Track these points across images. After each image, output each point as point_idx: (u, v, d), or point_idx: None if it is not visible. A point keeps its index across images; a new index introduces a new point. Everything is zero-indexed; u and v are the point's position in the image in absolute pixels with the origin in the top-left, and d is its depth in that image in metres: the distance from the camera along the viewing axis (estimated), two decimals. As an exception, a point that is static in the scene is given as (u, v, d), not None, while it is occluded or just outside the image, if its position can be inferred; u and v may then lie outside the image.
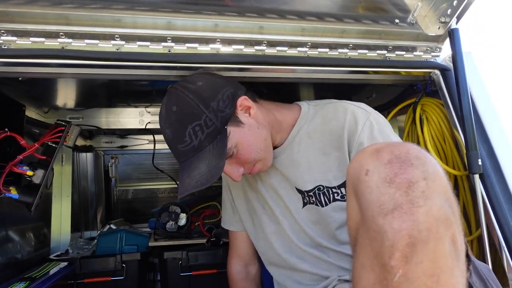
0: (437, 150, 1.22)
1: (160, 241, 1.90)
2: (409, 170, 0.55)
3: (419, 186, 0.54)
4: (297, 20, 1.15)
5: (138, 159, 2.87)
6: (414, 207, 0.53)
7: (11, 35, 1.02)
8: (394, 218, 0.53)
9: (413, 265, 0.52)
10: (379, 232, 0.54)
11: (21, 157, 1.25)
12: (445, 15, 1.13)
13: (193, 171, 0.90)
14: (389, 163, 0.57)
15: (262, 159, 1.00)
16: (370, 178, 0.58)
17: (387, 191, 0.55)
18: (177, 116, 0.93)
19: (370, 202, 0.57)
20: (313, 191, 1.02)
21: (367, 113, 1.01)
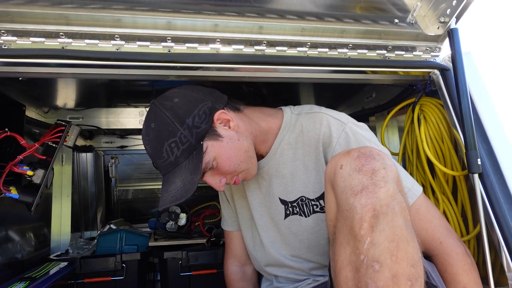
0: (435, 150, 1.23)
1: (160, 241, 1.90)
2: (373, 162, 0.72)
3: (380, 173, 0.71)
4: (297, 20, 1.15)
5: (138, 159, 2.87)
6: (377, 188, 0.69)
7: (11, 35, 1.02)
8: (362, 196, 0.69)
9: (377, 233, 0.66)
10: (351, 209, 0.69)
11: (21, 157, 1.25)
12: (445, 15, 1.13)
13: (170, 185, 0.93)
14: (358, 158, 0.74)
15: (244, 170, 1.02)
16: (343, 169, 0.74)
17: (357, 176, 0.71)
18: (155, 133, 0.96)
19: (343, 187, 0.73)
20: (297, 201, 1.06)
21: (343, 124, 1.02)
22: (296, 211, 1.07)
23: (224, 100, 1.03)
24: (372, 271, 0.64)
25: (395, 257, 0.64)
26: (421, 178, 1.29)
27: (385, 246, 0.65)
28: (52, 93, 1.70)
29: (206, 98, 0.99)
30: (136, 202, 2.89)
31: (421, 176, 1.29)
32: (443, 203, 1.20)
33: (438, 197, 1.21)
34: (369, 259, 0.65)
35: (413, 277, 0.64)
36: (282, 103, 2.09)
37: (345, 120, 1.04)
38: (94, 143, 2.38)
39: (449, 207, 1.20)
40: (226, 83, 1.69)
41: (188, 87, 1.04)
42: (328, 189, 0.80)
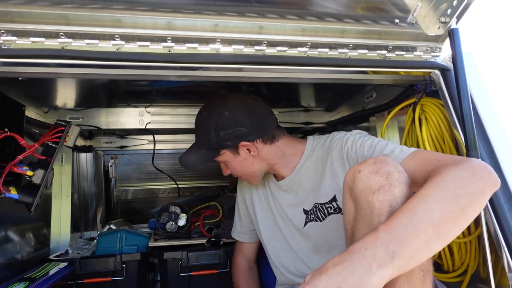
0: (436, 150, 1.22)
1: (160, 241, 1.90)
2: (387, 166, 0.81)
3: (394, 175, 0.79)
4: (297, 20, 1.15)
5: (138, 159, 2.87)
6: (392, 187, 0.77)
7: (11, 35, 1.02)
8: (379, 194, 0.77)
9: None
10: (369, 206, 0.78)
11: (21, 157, 1.25)
12: (445, 15, 1.13)
13: (189, 152, 1.27)
14: (374, 163, 0.83)
15: (245, 179, 1.31)
16: (362, 173, 0.83)
17: (374, 178, 0.80)
18: (200, 119, 1.26)
19: (362, 188, 0.81)
20: (312, 209, 1.24)
21: (350, 132, 1.20)
22: (313, 218, 1.24)
23: (265, 131, 1.23)
24: None
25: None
26: (421, 178, 1.29)
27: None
28: (52, 93, 1.69)
29: (247, 125, 1.19)
30: (136, 202, 2.89)
31: (422, 176, 1.29)
32: (444, 203, 1.20)
33: (439, 198, 1.21)
34: None
35: (425, 269, 0.71)
36: (282, 103, 2.11)
37: (354, 131, 1.21)
38: (94, 143, 2.38)
39: (450, 208, 1.20)
40: (226, 83, 1.70)
41: (245, 104, 1.22)
42: (347, 194, 0.88)
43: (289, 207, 1.30)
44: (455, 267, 1.21)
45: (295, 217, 1.28)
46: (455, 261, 1.20)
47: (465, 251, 1.17)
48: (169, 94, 1.87)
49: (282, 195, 1.32)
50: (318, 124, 2.21)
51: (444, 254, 1.22)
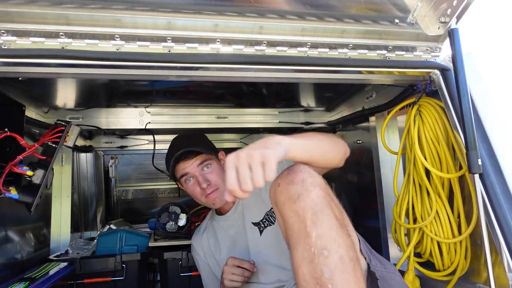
0: (430, 151, 1.22)
1: (160, 241, 1.90)
2: (300, 173, 0.89)
3: (307, 181, 0.87)
4: (297, 20, 1.15)
5: (138, 159, 2.87)
6: (309, 192, 0.85)
7: (11, 35, 1.02)
8: (300, 201, 0.84)
9: (319, 226, 0.81)
10: (295, 215, 0.84)
11: (21, 157, 1.25)
12: (445, 15, 1.12)
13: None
14: (288, 174, 0.90)
15: (222, 189, 1.41)
16: (281, 186, 0.89)
17: (292, 188, 0.87)
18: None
19: (284, 200, 0.88)
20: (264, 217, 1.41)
21: None
22: (267, 224, 1.40)
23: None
24: (323, 258, 0.78)
25: (337, 242, 0.80)
26: (418, 178, 1.29)
27: (328, 235, 0.81)
28: (52, 93, 1.69)
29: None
30: (136, 202, 2.89)
31: (418, 176, 1.29)
32: (436, 203, 1.21)
33: (432, 198, 1.22)
34: (318, 248, 0.79)
35: (354, 258, 0.81)
36: (282, 103, 2.11)
37: None
38: (94, 143, 2.38)
39: (442, 208, 1.21)
40: (226, 83, 1.70)
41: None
42: (275, 209, 0.95)
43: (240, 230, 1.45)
44: (445, 267, 1.22)
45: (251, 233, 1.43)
46: (444, 261, 1.21)
47: (454, 252, 1.18)
48: (169, 94, 1.87)
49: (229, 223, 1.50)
50: (318, 124, 2.21)
51: (434, 253, 1.23)
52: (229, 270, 1.30)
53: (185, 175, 1.44)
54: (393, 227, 1.40)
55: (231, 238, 1.49)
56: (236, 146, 2.57)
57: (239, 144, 2.57)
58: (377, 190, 1.69)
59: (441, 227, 1.20)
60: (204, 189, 1.41)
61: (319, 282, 0.77)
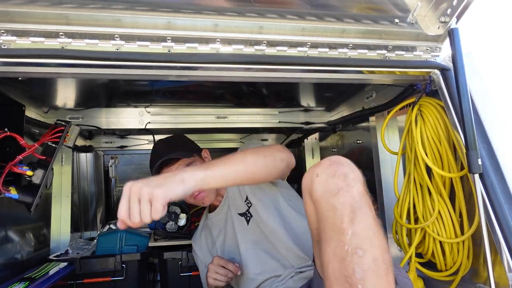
0: (432, 151, 1.22)
1: (160, 241, 1.90)
2: (343, 167, 0.86)
3: (350, 176, 0.85)
4: (297, 20, 1.14)
5: (138, 159, 2.87)
6: (350, 188, 0.83)
7: (11, 35, 1.02)
8: (339, 196, 0.82)
9: (356, 224, 0.79)
10: (331, 209, 0.82)
11: (21, 157, 1.25)
12: (445, 14, 1.12)
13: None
14: (330, 165, 0.87)
15: (206, 194, 1.41)
16: (320, 177, 0.87)
17: (332, 181, 0.84)
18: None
19: (322, 192, 0.85)
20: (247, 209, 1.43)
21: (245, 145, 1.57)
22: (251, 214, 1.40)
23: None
24: (357, 257, 0.76)
25: (373, 243, 0.78)
26: (419, 178, 1.29)
27: (365, 235, 0.78)
28: (52, 93, 1.69)
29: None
30: (136, 202, 2.89)
31: (419, 176, 1.29)
32: (438, 203, 1.20)
33: (434, 198, 1.22)
34: (352, 247, 0.77)
35: (387, 261, 0.78)
36: (282, 103, 2.11)
37: None
38: (94, 143, 2.38)
39: (444, 208, 1.20)
40: (226, 83, 1.70)
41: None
42: (307, 197, 0.92)
43: (233, 219, 1.46)
44: (448, 267, 1.22)
45: (238, 224, 1.45)
46: (447, 261, 1.21)
47: (457, 251, 1.18)
48: (169, 94, 1.87)
49: (219, 217, 1.52)
50: (318, 124, 2.21)
51: (437, 253, 1.22)
52: (213, 269, 1.32)
53: None
54: (393, 227, 1.40)
55: (223, 232, 1.52)
56: (236, 146, 2.57)
57: (239, 144, 2.57)
58: (377, 190, 1.69)
59: (443, 227, 1.20)
60: None
61: (349, 281, 0.76)
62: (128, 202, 0.87)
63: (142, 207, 0.87)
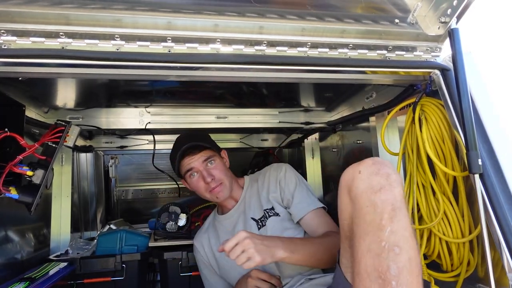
0: (436, 150, 1.22)
1: (160, 241, 1.90)
2: (386, 168, 0.90)
3: (393, 176, 0.88)
4: (297, 20, 1.14)
5: (138, 159, 2.87)
6: (392, 187, 0.86)
7: (11, 35, 1.02)
8: (381, 193, 0.84)
9: (396, 223, 0.81)
10: (371, 205, 0.84)
11: (21, 157, 1.25)
12: (445, 15, 1.12)
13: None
14: (373, 164, 0.91)
15: (225, 183, 1.52)
16: (362, 174, 0.90)
17: (375, 178, 0.87)
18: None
19: (363, 188, 0.88)
20: (263, 216, 1.52)
21: (283, 164, 1.63)
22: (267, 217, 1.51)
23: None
24: (393, 254, 0.78)
25: (409, 243, 0.80)
26: (421, 179, 1.29)
27: (402, 234, 0.80)
28: (52, 93, 1.69)
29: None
30: (136, 202, 2.89)
31: (421, 177, 1.28)
32: (444, 203, 1.20)
33: (439, 198, 1.21)
34: (390, 244, 0.79)
35: (420, 264, 0.81)
36: (282, 103, 2.11)
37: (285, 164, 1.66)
38: (94, 143, 2.38)
39: (450, 208, 1.20)
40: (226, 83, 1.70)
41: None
42: (344, 193, 0.95)
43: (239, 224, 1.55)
44: (454, 267, 1.21)
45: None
46: (453, 261, 1.20)
47: (464, 251, 1.17)
48: (169, 94, 1.87)
49: (230, 221, 1.58)
50: (318, 124, 2.21)
51: (443, 253, 1.22)
52: (254, 283, 1.34)
53: (190, 170, 1.50)
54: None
55: (231, 235, 1.51)
56: (236, 146, 2.57)
57: (239, 144, 2.57)
58: (377, 190, 1.69)
59: (449, 226, 1.19)
60: (209, 183, 1.48)
61: (383, 277, 0.77)
62: (235, 244, 1.12)
63: (240, 257, 1.10)
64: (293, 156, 2.86)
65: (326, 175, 2.40)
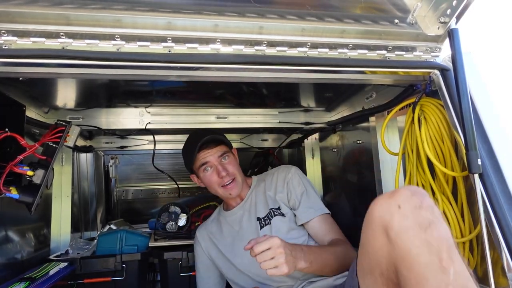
0: (435, 150, 1.22)
1: (160, 241, 1.90)
2: (427, 199, 0.80)
3: (436, 209, 0.80)
4: (297, 20, 1.15)
5: (138, 159, 2.87)
6: (440, 222, 0.77)
7: (11, 35, 1.02)
8: (432, 230, 0.75)
9: (456, 262, 0.73)
10: (424, 245, 0.74)
11: (21, 157, 1.25)
12: (445, 15, 1.13)
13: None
14: (413, 195, 0.80)
15: (237, 179, 1.55)
16: (404, 209, 0.78)
17: (421, 213, 0.77)
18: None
19: (408, 225, 0.77)
20: (267, 215, 1.53)
21: (291, 166, 1.65)
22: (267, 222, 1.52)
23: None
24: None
25: (471, 282, 0.74)
26: (421, 179, 1.29)
27: (465, 274, 0.74)
28: (52, 93, 1.70)
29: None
30: (136, 203, 2.89)
31: (421, 177, 1.29)
32: (443, 203, 1.20)
33: (438, 198, 1.21)
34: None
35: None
36: (282, 103, 2.11)
37: (292, 166, 1.67)
38: (94, 143, 2.38)
39: (449, 208, 1.20)
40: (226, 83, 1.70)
41: None
42: (377, 231, 0.83)
43: (244, 222, 1.56)
44: None
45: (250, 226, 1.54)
46: None
47: (463, 251, 1.17)
48: (169, 94, 1.87)
49: (234, 218, 1.59)
50: (318, 124, 2.21)
51: None
52: None
53: (205, 164, 1.52)
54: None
55: (235, 233, 1.57)
56: (236, 146, 2.57)
57: (239, 144, 2.57)
58: (377, 190, 1.69)
59: (448, 226, 1.19)
60: (223, 178, 1.50)
61: None
62: (267, 248, 1.09)
63: (268, 262, 1.08)
64: (293, 156, 2.86)
65: (326, 175, 2.40)
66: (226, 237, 1.58)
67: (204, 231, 1.66)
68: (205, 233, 1.65)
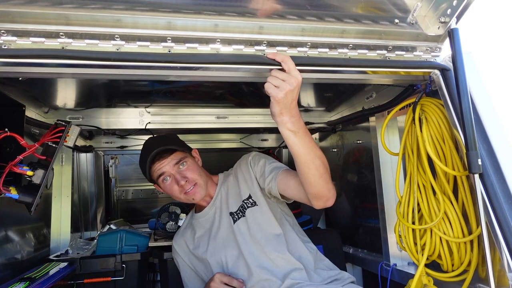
0: (436, 150, 1.22)
1: (160, 241, 1.90)
2: None
3: None
4: (297, 20, 1.15)
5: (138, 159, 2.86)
6: None
7: (11, 35, 1.02)
8: None
9: None
10: None
11: (21, 157, 1.25)
12: (445, 15, 1.13)
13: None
14: None
15: (199, 183, 1.49)
16: None
17: None
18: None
19: None
20: (238, 208, 1.51)
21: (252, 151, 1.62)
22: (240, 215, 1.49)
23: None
24: None
25: None
26: (421, 179, 1.29)
27: None
28: (52, 93, 1.70)
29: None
30: (136, 202, 2.89)
31: (422, 177, 1.29)
32: (444, 203, 1.20)
33: (439, 197, 1.21)
34: None
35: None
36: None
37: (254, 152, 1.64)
38: (94, 143, 2.38)
39: (450, 208, 1.20)
40: (226, 83, 1.70)
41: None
42: None
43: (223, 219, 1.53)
44: (455, 267, 1.21)
45: (226, 222, 1.51)
46: (454, 261, 1.20)
47: (465, 251, 1.17)
48: (169, 94, 1.87)
49: (206, 218, 1.58)
50: (318, 124, 2.21)
51: (443, 253, 1.22)
52: (216, 287, 1.34)
53: (162, 175, 1.48)
54: (396, 229, 1.40)
55: (208, 232, 1.55)
56: (236, 146, 2.57)
57: (239, 144, 2.57)
58: (377, 190, 1.69)
59: (450, 226, 1.19)
60: (183, 186, 1.46)
61: None
62: (293, 68, 1.07)
63: (276, 79, 1.06)
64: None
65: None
66: (201, 239, 1.56)
67: (180, 239, 1.63)
68: (182, 241, 1.62)
